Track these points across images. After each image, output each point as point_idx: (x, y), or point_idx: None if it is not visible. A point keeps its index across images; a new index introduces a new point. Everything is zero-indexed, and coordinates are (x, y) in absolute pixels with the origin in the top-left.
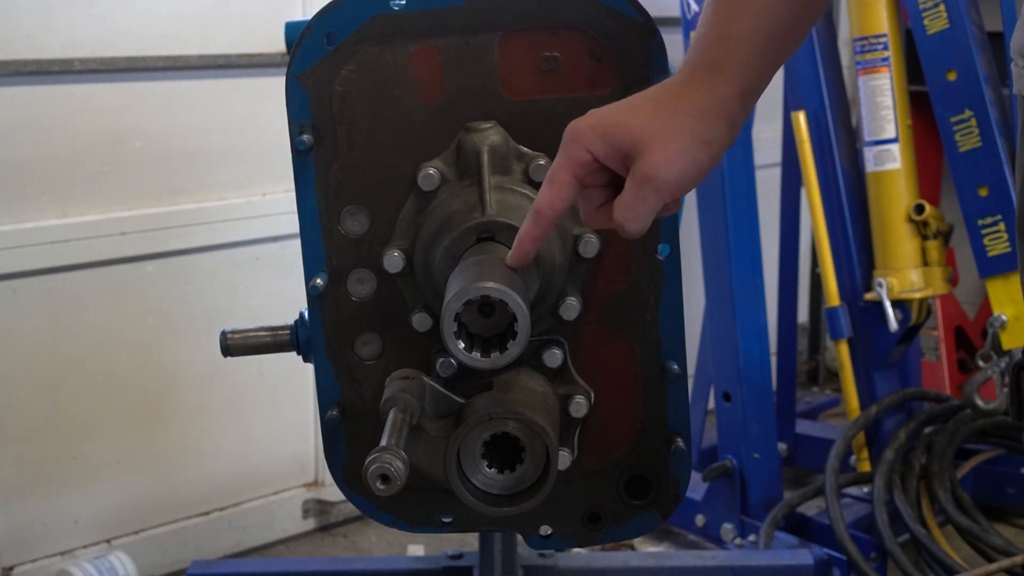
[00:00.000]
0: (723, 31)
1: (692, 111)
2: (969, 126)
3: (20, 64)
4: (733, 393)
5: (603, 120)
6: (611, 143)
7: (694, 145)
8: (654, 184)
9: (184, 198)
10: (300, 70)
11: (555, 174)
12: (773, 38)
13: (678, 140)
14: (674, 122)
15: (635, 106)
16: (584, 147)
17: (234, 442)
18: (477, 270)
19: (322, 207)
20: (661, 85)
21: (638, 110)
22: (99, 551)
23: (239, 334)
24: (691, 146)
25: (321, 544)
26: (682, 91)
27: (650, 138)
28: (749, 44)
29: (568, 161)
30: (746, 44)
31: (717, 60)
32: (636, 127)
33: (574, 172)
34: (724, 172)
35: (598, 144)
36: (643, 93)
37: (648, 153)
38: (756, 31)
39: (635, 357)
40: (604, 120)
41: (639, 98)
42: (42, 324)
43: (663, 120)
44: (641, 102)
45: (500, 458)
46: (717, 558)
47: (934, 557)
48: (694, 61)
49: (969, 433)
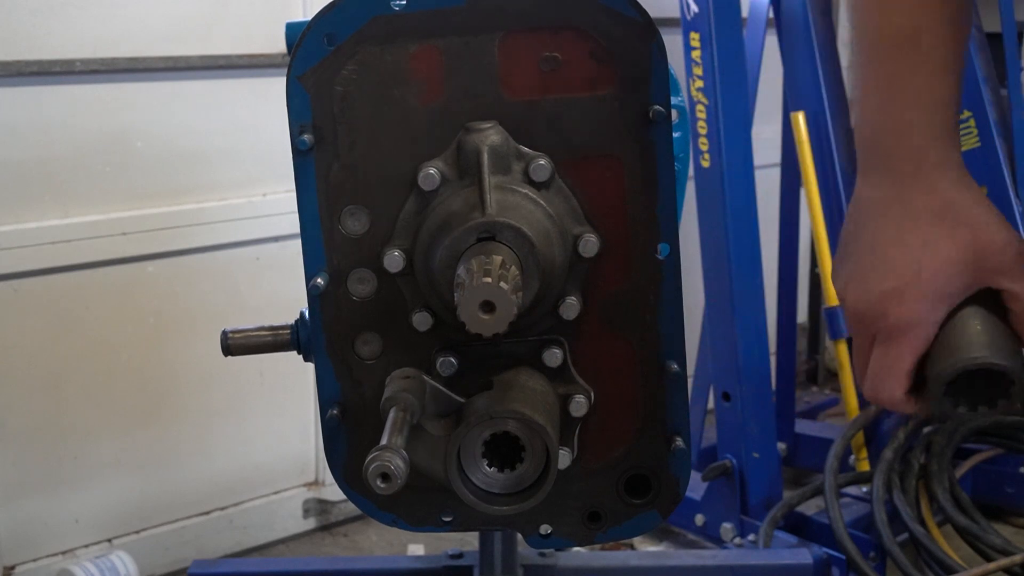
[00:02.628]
0: (932, 96)
1: (965, 194)
2: (968, 127)
3: (21, 64)
4: (733, 393)
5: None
6: (961, 298)
7: (995, 209)
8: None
9: (185, 198)
10: (301, 70)
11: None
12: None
13: (1004, 223)
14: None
15: (924, 241)
16: (922, 335)
17: (235, 442)
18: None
19: (323, 207)
20: (893, 195)
21: (938, 247)
22: (100, 550)
23: (240, 334)
24: (995, 211)
25: (322, 543)
26: (935, 183)
27: (993, 254)
28: (956, 104)
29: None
30: (956, 104)
31: (937, 132)
32: (968, 262)
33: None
34: (724, 172)
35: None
36: (882, 221)
37: (1001, 273)
38: (956, 86)
39: (635, 357)
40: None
41: (903, 229)
42: (43, 324)
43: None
44: (919, 232)
45: (500, 457)
46: (716, 557)
47: (933, 556)
48: (911, 137)
49: (968, 433)
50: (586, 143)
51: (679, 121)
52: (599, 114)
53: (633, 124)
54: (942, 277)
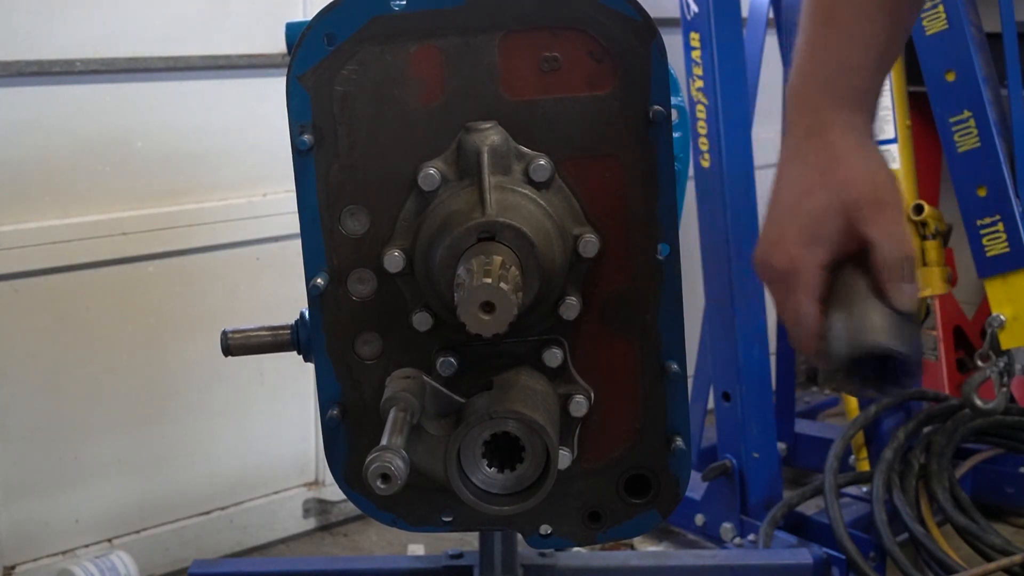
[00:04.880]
0: (840, 63)
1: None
2: (968, 127)
3: (21, 65)
4: (732, 393)
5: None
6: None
7: (883, 167)
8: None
9: (185, 198)
10: (301, 70)
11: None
12: (883, 59)
13: (879, 176)
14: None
15: (805, 190)
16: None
17: (235, 442)
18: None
19: (323, 207)
20: (795, 151)
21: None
22: (100, 550)
23: (240, 334)
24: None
25: (322, 543)
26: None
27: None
28: (868, 72)
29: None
30: (867, 72)
31: (843, 94)
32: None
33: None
34: (724, 172)
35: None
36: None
37: (870, 210)
38: (870, 57)
39: (635, 357)
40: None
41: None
42: (43, 324)
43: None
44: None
45: (500, 457)
46: (716, 557)
47: (933, 556)
48: (815, 99)
49: (968, 433)
50: (586, 143)
51: (679, 121)
52: (599, 114)
53: (633, 124)
54: (815, 224)
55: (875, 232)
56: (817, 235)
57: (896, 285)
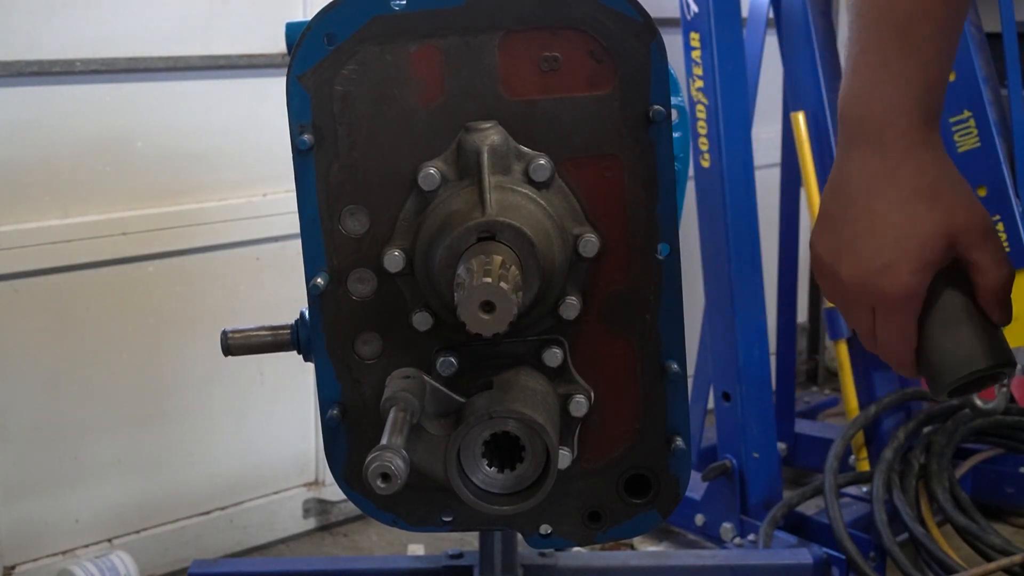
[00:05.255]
0: (924, 82)
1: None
2: (968, 127)
3: (21, 65)
4: (733, 393)
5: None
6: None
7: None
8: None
9: (185, 198)
10: (301, 70)
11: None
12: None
13: (977, 202)
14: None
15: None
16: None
17: (235, 442)
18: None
19: (323, 207)
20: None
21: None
22: (100, 550)
23: (240, 333)
24: (972, 192)
25: (322, 543)
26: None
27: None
28: (944, 88)
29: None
30: (944, 89)
31: (930, 114)
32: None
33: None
34: (724, 172)
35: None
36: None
37: (977, 237)
38: (946, 73)
39: (635, 357)
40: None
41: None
42: (43, 324)
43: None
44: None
45: (500, 457)
46: (716, 557)
47: (933, 556)
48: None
49: (968, 433)
50: (586, 143)
51: (679, 121)
52: (599, 114)
53: (633, 124)
54: (926, 251)
55: (983, 257)
56: (928, 262)
57: (1002, 304)
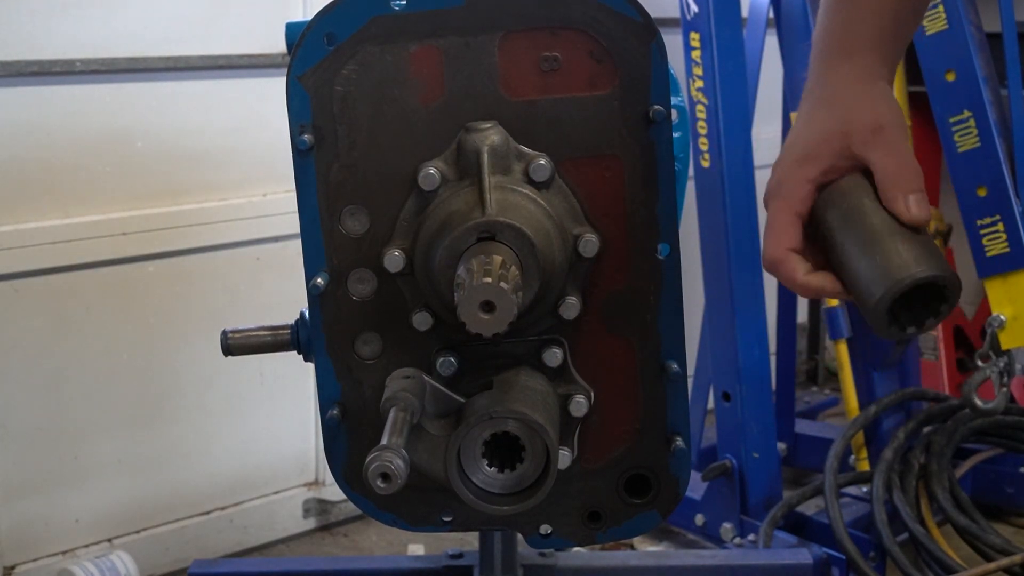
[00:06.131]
0: (845, 21)
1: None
2: (968, 127)
3: (22, 65)
4: (732, 393)
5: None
6: (828, 162)
7: (887, 99)
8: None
9: (185, 198)
10: (301, 70)
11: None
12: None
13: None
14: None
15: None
16: (794, 192)
17: (235, 442)
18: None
19: (323, 207)
20: (805, 96)
21: (813, 122)
22: (100, 550)
23: (240, 333)
24: (886, 99)
25: (322, 543)
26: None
27: (858, 129)
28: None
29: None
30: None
31: (851, 43)
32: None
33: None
34: (724, 172)
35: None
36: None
37: (867, 133)
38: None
39: (635, 357)
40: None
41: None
42: (43, 324)
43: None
44: (807, 115)
45: (500, 457)
46: (716, 557)
47: (933, 556)
48: (825, 53)
49: (968, 433)
50: (586, 143)
51: (679, 121)
52: (599, 114)
53: (633, 124)
54: (811, 143)
55: (873, 153)
56: (809, 155)
57: (901, 195)
